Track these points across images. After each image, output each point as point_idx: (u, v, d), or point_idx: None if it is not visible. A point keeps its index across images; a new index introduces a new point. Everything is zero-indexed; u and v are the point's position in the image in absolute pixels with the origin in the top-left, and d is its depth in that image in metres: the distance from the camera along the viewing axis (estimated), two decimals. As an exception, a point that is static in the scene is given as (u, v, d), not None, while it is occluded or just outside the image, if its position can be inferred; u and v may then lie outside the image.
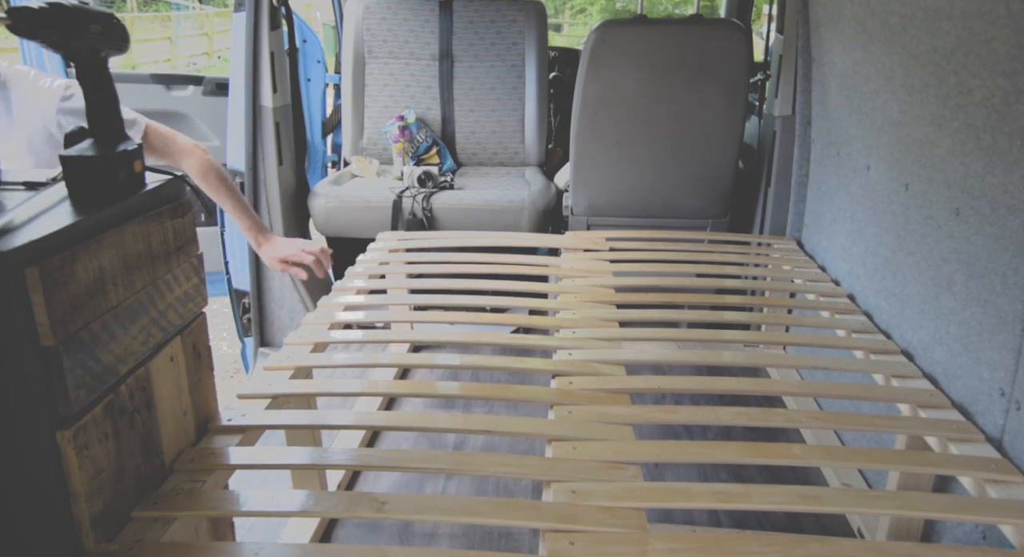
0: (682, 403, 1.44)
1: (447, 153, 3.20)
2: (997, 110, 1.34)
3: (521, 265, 2.20)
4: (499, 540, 1.65)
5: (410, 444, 1.99)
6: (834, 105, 2.20)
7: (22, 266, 0.87)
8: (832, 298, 2.02)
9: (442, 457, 1.28)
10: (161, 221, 1.14)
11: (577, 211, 2.73)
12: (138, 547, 1.02)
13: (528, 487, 1.83)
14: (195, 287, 1.25)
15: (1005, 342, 1.31)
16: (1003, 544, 1.18)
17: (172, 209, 1.17)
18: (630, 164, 2.62)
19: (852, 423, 1.42)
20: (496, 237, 2.49)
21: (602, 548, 1.03)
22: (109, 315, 1.01)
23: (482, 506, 1.14)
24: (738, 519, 1.66)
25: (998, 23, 1.32)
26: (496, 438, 1.97)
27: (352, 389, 1.83)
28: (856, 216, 2.01)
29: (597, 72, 2.50)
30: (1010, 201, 1.30)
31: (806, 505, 1.14)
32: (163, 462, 1.18)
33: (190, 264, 1.23)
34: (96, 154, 1.08)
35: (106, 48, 1.11)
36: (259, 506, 1.15)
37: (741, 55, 2.49)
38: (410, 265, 2.26)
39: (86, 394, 0.97)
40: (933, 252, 1.57)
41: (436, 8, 3.25)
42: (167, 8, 15.44)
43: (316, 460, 1.36)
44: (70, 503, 0.97)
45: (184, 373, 1.23)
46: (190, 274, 1.23)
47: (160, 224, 1.14)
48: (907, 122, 1.70)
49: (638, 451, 1.26)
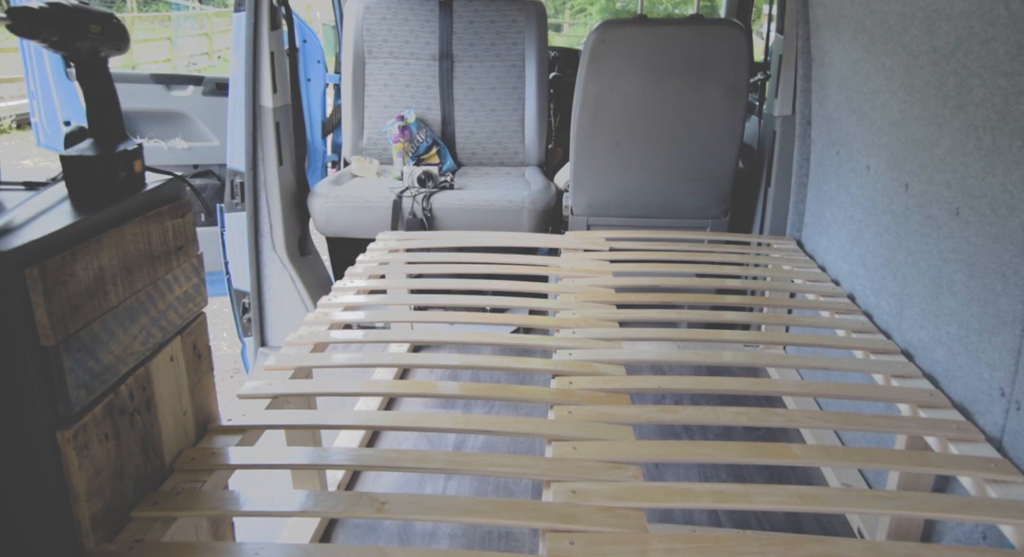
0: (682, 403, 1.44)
1: (447, 153, 3.20)
2: (997, 110, 1.34)
3: (521, 265, 2.20)
4: (499, 540, 1.65)
5: (410, 444, 1.99)
6: (834, 105, 2.20)
7: (22, 266, 0.87)
8: (832, 298, 2.02)
9: (442, 457, 1.28)
10: (161, 221, 1.14)
11: (577, 211, 2.73)
12: (138, 547, 1.02)
13: (528, 487, 1.83)
14: (195, 287, 1.25)
15: (1005, 342, 1.31)
16: (1003, 544, 1.18)
17: (172, 209, 1.17)
18: (630, 164, 2.62)
19: (852, 423, 1.42)
20: (496, 237, 2.49)
21: (602, 548, 1.03)
22: (109, 315, 1.01)
23: (482, 506, 1.14)
24: (738, 519, 1.66)
25: (998, 23, 1.32)
26: (496, 438, 1.97)
27: (352, 389, 1.83)
28: (856, 216, 2.01)
29: (597, 72, 2.50)
30: (1010, 201, 1.30)
31: (806, 505, 1.14)
32: (163, 462, 1.18)
33: (190, 264, 1.23)
34: (96, 154, 1.08)
35: (106, 48, 1.11)
36: (259, 506, 1.15)
37: (741, 55, 2.49)
38: (410, 265, 2.26)
39: (86, 394, 0.97)
40: (933, 252, 1.57)
41: (436, 8, 3.25)
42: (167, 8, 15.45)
43: (316, 460, 1.36)
44: (70, 503, 0.97)
45: (184, 373, 1.23)
46: (190, 274, 1.23)
47: (160, 224, 1.14)
48: (907, 122, 1.70)
49: (638, 451, 1.26)
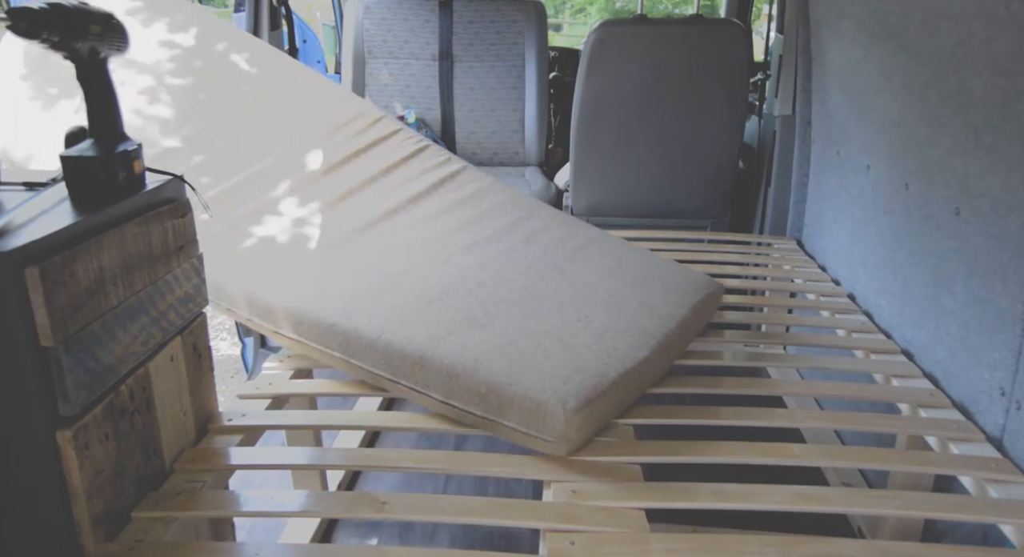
0: (682, 403, 1.44)
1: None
2: (997, 110, 1.34)
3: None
4: (499, 540, 1.65)
5: (410, 444, 1.99)
6: (834, 105, 2.20)
7: (22, 266, 0.87)
8: (832, 298, 2.02)
9: (442, 457, 1.28)
10: (161, 221, 1.14)
11: (577, 211, 2.72)
12: (138, 547, 1.02)
13: (528, 487, 1.83)
14: (195, 287, 1.25)
15: (1005, 342, 1.31)
16: (1003, 544, 1.18)
17: (172, 209, 1.17)
18: (630, 164, 2.62)
19: (852, 423, 1.42)
20: None
21: (602, 548, 1.03)
22: (109, 315, 1.01)
23: (482, 506, 1.14)
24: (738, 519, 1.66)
25: (998, 23, 1.32)
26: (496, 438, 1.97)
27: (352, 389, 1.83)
28: (856, 216, 2.01)
29: (597, 72, 2.50)
30: (1010, 201, 1.30)
31: (806, 505, 1.14)
32: (163, 462, 1.18)
33: (190, 264, 1.23)
34: (96, 154, 1.08)
35: (106, 48, 1.11)
36: (259, 506, 1.15)
37: (741, 55, 2.49)
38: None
39: (86, 394, 0.97)
40: (933, 252, 1.57)
41: (436, 8, 3.25)
42: (167, 8, 15.44)
43: (316, 460, 1.36)
44: (70, 503, 0.97)
45: (184, 373, 1.23)
46: (190, 274, 1.23)
47: (160, 224, 1.14)
48: (907, 122, 1.70)
49: (638, 451, 1.26)
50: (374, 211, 1.74)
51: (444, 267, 1.58)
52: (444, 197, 1.85)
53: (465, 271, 1.57)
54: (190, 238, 1.23)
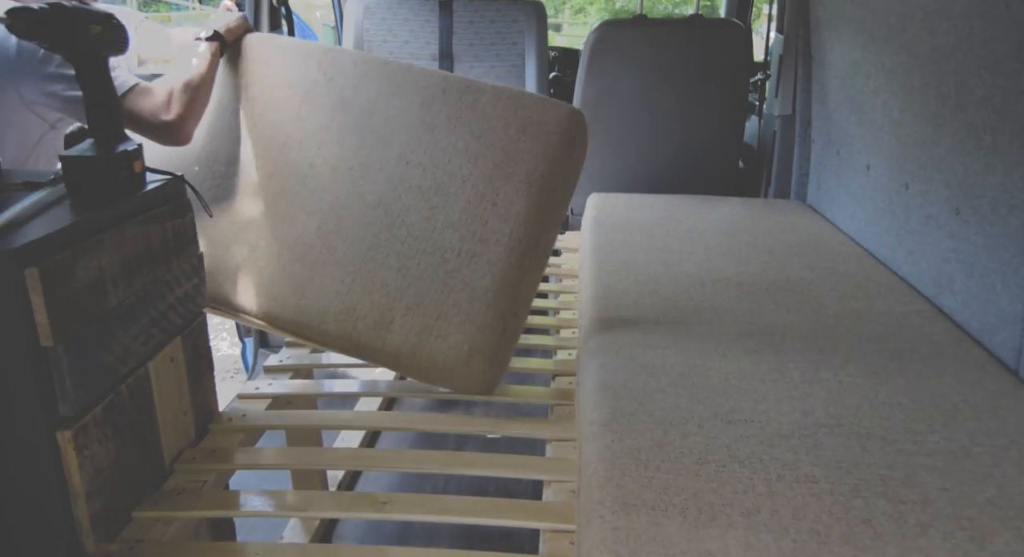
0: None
1: (447, 153, 3.20)
2: (997, 110, 1.34)
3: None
4: (499, 540, 1.65)
5: (410, 444, 1.99)
6: (834, 105, 2.20)
7: (22, 266, 0.87)
8: (832, 298, 2.01)
9: (442, 457, 1.28)
10: (161, 221, 1.14)
11: (577, 211, 2.72)
12: (139, 547, 1.02)
13: (528, 487, 1.83)
14: (195, 287, 1.25)
15: (1005, 342, 1.31)
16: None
17: (172, 209, 1.17)
18: (630, 164, 2.62)
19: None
20: None
21: (602, 548, 1.03)
22: (109, 315, 1.01)
23: (482, 506, 1.14)
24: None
25: (998, 23, 1.32)
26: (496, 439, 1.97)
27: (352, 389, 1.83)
28: (856, 216, 2.01)
29: (597, 72, 2.50)
30: (1010, 201, 1.30)
31: None
32: (163, 462, 1.18)
33: (190, 264, 1.23)
34: (96, 154, 1.08)
35: (106, 48, 1.11)
36: (259, 506, 1.15)
37: (741, 55, 2.49)
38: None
39: (86, 394, 0.97)
40: (933, 252, 1.57)
41: (436, 8, 3.25)
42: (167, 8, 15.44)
43: (316, 460, 1.36)
44: (70, 503, 0.97)
45: (184, 373, 1.23)
46: (190, 274, 1.23)
47: (160, 224, 1.14)
48: (907, 122, 1.70)
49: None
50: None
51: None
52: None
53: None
54: (190, 238, 1.23)
